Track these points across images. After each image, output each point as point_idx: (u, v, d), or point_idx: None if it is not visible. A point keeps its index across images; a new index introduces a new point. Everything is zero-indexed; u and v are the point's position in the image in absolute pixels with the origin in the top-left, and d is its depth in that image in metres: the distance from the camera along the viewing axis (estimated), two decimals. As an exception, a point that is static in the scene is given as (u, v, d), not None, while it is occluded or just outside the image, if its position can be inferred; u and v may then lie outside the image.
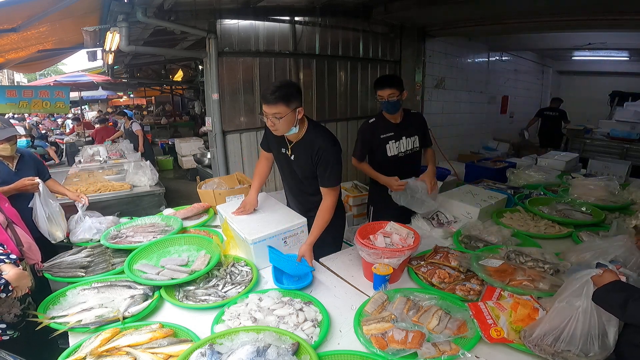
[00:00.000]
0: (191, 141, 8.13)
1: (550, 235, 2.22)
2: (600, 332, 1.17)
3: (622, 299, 1.12)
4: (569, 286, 1.26)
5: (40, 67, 9.05)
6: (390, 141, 2.53)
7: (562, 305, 1.22)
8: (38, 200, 2.18)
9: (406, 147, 2.57)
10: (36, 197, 2.19)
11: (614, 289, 1.16)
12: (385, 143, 2.52)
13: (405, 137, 2.55)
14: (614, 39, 6.68)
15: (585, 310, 1.18)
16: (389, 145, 2.52)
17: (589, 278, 1.22)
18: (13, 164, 2.35)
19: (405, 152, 2.57)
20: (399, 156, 2.56)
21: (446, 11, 4.67)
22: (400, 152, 2.56)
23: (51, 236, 2.20)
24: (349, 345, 1.34)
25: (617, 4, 4.05)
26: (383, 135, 2.52)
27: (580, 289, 1.21)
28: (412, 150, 2.59)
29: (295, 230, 1.97)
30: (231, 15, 4.18)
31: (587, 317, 1.18)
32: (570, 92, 11.15)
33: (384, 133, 2.52)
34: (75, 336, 1.41)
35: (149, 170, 3.84)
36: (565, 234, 2.22)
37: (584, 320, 1.18)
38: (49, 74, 16.22)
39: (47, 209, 2.18)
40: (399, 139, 2.54)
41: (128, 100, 14.98)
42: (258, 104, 4.68)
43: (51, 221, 2.19)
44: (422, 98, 6.15)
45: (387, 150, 2.53)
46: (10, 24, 3.47)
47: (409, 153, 2.58)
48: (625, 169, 4.00)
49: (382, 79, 2.47)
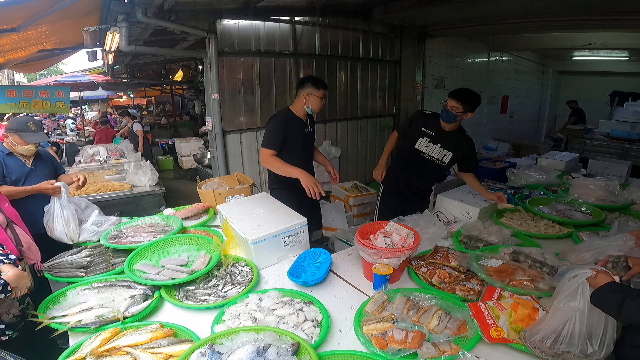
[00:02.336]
0: (191, 141, 8.14)
1: (550, 235, 2.22)
2: (599, 333, 1.17)
3: (618, 299, 1.12)
4: (564, 288, 1.26)
5: (40, 67, 9.04)
6: (424, 137, 2.57)
7: (560, 307, 1.22)
8: (57, 204, 2.20)
9: (435, 154, 2.59)
10: (55, 200, 2.22)
11: (610, 290, 1.16)
12: (420, 136, 2.58)
13: (441, 146, 2.56)
14: (614, 39, 6.68)
15: (582, 311, 1.18)
16: (421, 140, 2.58)
17: (584, 279, 1.22)
18: (29, 160, 2.40)
19: (430, 157, 2.60)
20: (422, 155, 2.61)
21: (446, 11, 4.67)
22: (425, 153, 2.60)
23: (69, 237, 2.21)
24: (349, 345, 1.34)
25: (617, 4, 4.05)
26: (424, 129, 2.57)
27: (575, 290, 1.22)
28: (438, 160, 2.60)
29: (295, 230, 1.97)
30: (231, 15, 4.18)
31: (585, 318, 1.18)
32: (570, 92, 11.17)
33: (426, 128, 2.57)
34: (75, 336, 1.41)
35: (149, 170, 3.84)
36: (565, 234, 2.22)
37: (581, 321, 1.18)
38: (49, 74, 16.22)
39: (66, 211, 2.20)
40: (434, 143, 2.57)
41: (128, 100, 14.97)
42: (258, 103, 4.69)
43: (68, 224, 2.20)
44: (422, 98, 6.16)
45: (417, 143, 2.59)
46: (10, 24, 3.47)
47: (434, 161, 2.60)
48: (625, 169, 4.00)
49: (459, 91, 2.45)
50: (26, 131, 2.29)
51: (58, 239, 2.18)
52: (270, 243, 1.90)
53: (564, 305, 1.21)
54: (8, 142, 2.32)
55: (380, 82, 5.92)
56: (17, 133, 2.28)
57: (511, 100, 8.88)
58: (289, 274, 1.76)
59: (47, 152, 2.63)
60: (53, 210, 2.19)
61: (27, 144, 2.29)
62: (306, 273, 1.86)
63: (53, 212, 2.19)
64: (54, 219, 2.18)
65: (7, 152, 2.31)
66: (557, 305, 1.24)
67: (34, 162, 2.42)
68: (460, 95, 2.39)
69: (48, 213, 2.21)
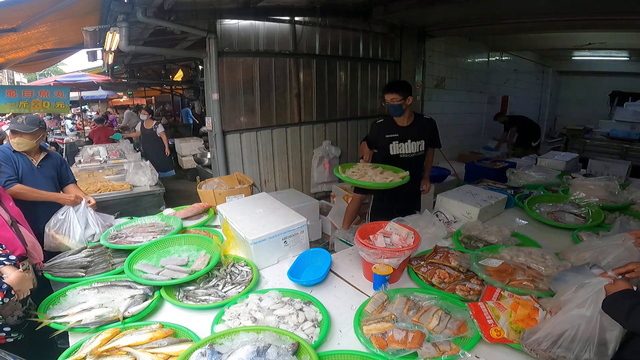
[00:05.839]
0: (191, 141, 8.13)
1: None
2: (598, 341, 1.15)
3: (627, 306, 1.10)
4: (578, 294, 1.23)
5: (40, 67, 9.04)
6: (395, 142, 2.66)
7: (569, 313, 1.20)
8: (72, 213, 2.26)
9: (411, 149, 2.68)
10: (70, 209, 2.29)
11: (622, 297, 1.15)
12: (389, 142, 2.67)
13: (411, 140, 2.67)
14: (614, 39, 6.68)
15: (589, 319, 1.16)
16: (392, 145, 2.66)
17: (602, 287, 1.20)
18: (37, 160, 2.43)
19: (409, 155, 2.68)
20: (402, 157, 2.68)
21: (446, 11, 4.67)
22: (403, 153, 2.68)
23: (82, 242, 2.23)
24: (349, 345, 1.34)
25: (617, 4, 4.05)
26: (388, 135, 2.67)
27: (588, 298, 1.20)
28: (416, 153, 2.71)
29: (295, 230, 1.97)
30: (231, 15, 4.18)
31: (589, 326, 1.16)
32: (570, 92, 11.17)
33: (389, 133, 2.67)
34: (75, 336, 1.41)
35: (149, 170, 3.84)
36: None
37: (585, 328, 1.16)
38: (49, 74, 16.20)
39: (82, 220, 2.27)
40: (404, 141, 2.66)
41: (128, 100, 14.96)
42: (258, 104, 4.69)
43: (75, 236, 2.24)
44: (422, 98, 6.15)
45: (390, 149, 2.67)
46: (10, 24, 3.47)
47: (413, 156, 2.69)
48: (625, 169, 4.00)
49: (389, 84, 2.65)
50: (14, 123, 2.38)
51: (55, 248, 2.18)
52: (270, 243, 1.90)
53: (575, 312, 1.19)
54: (12, 141, 2.37)
55: (381, 82, 5.92)
56: (11, 128, 2.37)
57: (511, 100, 8.87)
58: (289, 274, 1.76)
59: (59, 158, 2.64)
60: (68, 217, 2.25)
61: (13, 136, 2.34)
62: (306, 273, 1.86)
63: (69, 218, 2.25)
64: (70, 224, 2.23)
65: (14, 150, 2.37)
66: (567, 311, 1.21)
67: (41, 162, 2.45)
68: (392, 87, 2.58)
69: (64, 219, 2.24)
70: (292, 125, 5.08)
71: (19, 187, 2.24)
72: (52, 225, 2.20)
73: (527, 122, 6.85)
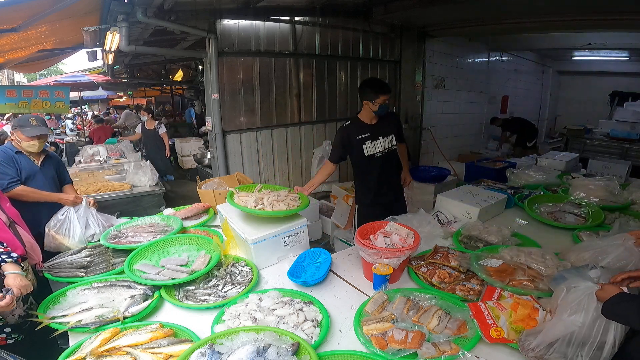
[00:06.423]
0: (191, 141, 8.14)
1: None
2: (595, 346, 1.15)
3: (635, 307, 1.09)
4: (568, 300, 1.24)
5: (40, 67, 9.05)
6: (367, 142, 2.62)
7: (563, 320, 1.20)
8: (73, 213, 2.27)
9: (384, 146, 2.65)
10: (71, 209, 2.29)
11: (622, 300, 1.14)
12: (361, 144, 2.61)
13: (382, 136, 2.64)
14: (614, 39, 6.68)
15: (584, 325, 1.16)
16: (365, 145, 2.61)
17: (592, 293, 1.20)
18: (39, 160, 2.43)
19: (383, 151, 2.65)
20: (377, 155, 2.64)
21: (446, 11, 4.67)
22: (378, 151, 2.64)
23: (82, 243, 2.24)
24: (349, 345, 1.34)
25: (617, 4, 4.05)
26: (359, 137, 2.61)
27: (578, 304, 1.20)
28: (389, 148, 2.68)
29: (295, 230, 1.97)
30: (231, 15, 4.18)
31: (583, 331, 1.16)
32: (570, 92, 11.18)
33: (360, 134, 2.61)
34: (75, 336, 1.41)
35: (149, 170, 3.84)
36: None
37: (579, 334, 1.16)
38: (49, 74, 16.20)
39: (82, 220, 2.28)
40: (375, 139, 2.63)
41: (128, 100, 14.97)
42: (258, 104, 4.69)
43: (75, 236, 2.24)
44: (422, 98, 6.15)
45: (364, 150, 2.62)
46: (10, 24, 3.47)
47: (387, 152, 2.67)
48: (625, 169, 4.00)
49: (386, 86, 2.57)
50: (27, 126, 2.32)
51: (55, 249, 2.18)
52: (270, 243, 1.90)
53: (566, 318, 1.19)
54: (15, 141, 2.35)
55: (380, 82, 5.91)
56: (19, 129, 2.32)
57: (511, 100, 8.87)
58: (289, 274, 1.76)
59: (58, 159, 2.64)
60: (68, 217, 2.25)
61: (30, 139, 2.30)
62: (306, 273, 1.86)
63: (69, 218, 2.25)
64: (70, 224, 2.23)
65: (16, 151, 2.35)
66: (560, 318, 1.22)
67: (42, 162, 2.45)
68: (388, 88, 2.56)
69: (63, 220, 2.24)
70: (292, 125, 5.08)
71: (21, 188, 2.24)
72: (52, 225, 2.20)
73: (525, 124, 7.03)
